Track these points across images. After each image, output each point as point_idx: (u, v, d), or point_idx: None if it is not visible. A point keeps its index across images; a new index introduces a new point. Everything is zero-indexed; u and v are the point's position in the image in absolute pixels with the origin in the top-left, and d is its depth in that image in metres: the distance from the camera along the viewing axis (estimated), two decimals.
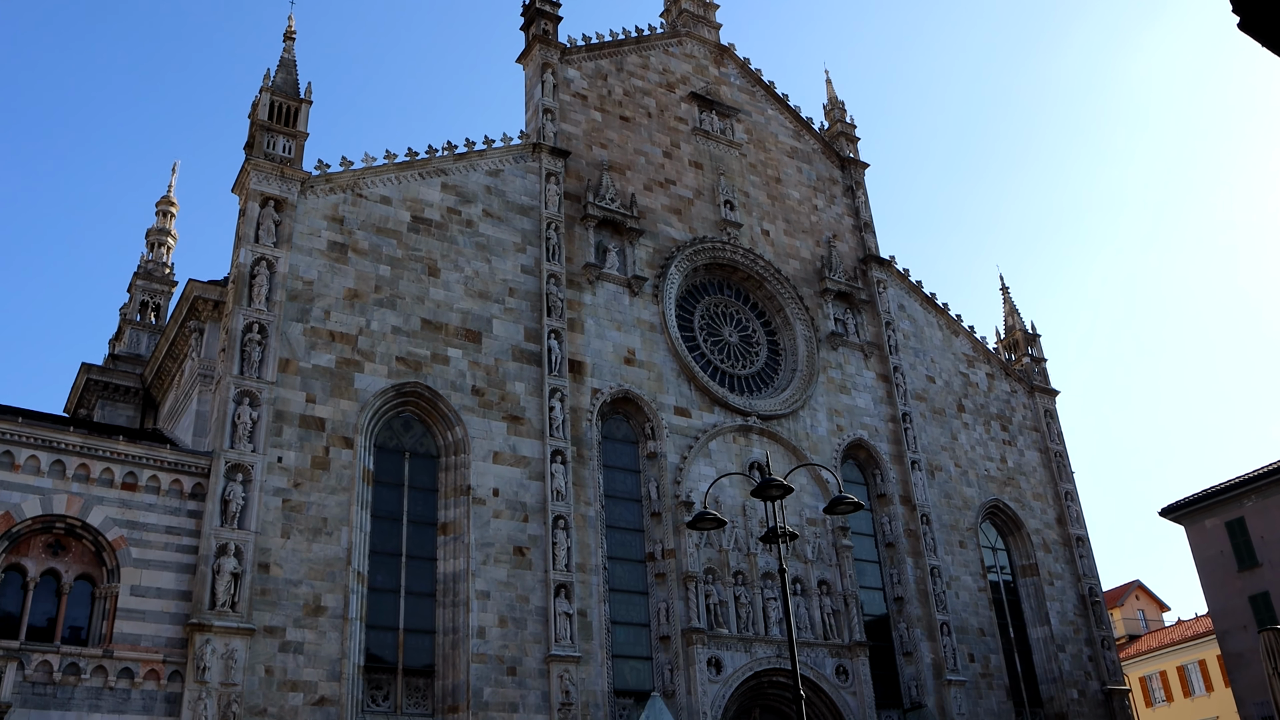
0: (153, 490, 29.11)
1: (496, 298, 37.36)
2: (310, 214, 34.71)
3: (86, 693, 26.28)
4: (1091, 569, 49.88)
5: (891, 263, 50.74)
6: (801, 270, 47.22)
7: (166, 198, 56.51)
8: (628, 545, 37.03)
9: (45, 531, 27.74)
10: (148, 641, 27.44)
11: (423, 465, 34.28)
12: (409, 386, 34.21)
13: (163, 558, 28.49)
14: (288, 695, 28.44)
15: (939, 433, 47.97)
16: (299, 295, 33.37)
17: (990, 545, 48.10)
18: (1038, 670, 46.42)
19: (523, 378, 36.48)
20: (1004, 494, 48.87)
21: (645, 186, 43.97)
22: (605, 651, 34.12)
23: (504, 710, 31.39)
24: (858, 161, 53.01)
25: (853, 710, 37.83)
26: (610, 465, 37.95)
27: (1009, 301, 56.47)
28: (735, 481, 38.95)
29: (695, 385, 40.64)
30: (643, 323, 40.60)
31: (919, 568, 43.32)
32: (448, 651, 31.85)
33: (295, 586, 29.66)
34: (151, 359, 41.02)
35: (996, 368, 52.93)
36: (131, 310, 51.07)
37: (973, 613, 44.41)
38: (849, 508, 21.30)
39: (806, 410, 43.44)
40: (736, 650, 36.33)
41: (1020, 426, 51.90)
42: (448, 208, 37.85)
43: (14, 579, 27.19)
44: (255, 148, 34.45)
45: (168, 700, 27.09)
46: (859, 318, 47.89)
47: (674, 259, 42.76)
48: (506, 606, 32.74)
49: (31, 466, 27.77)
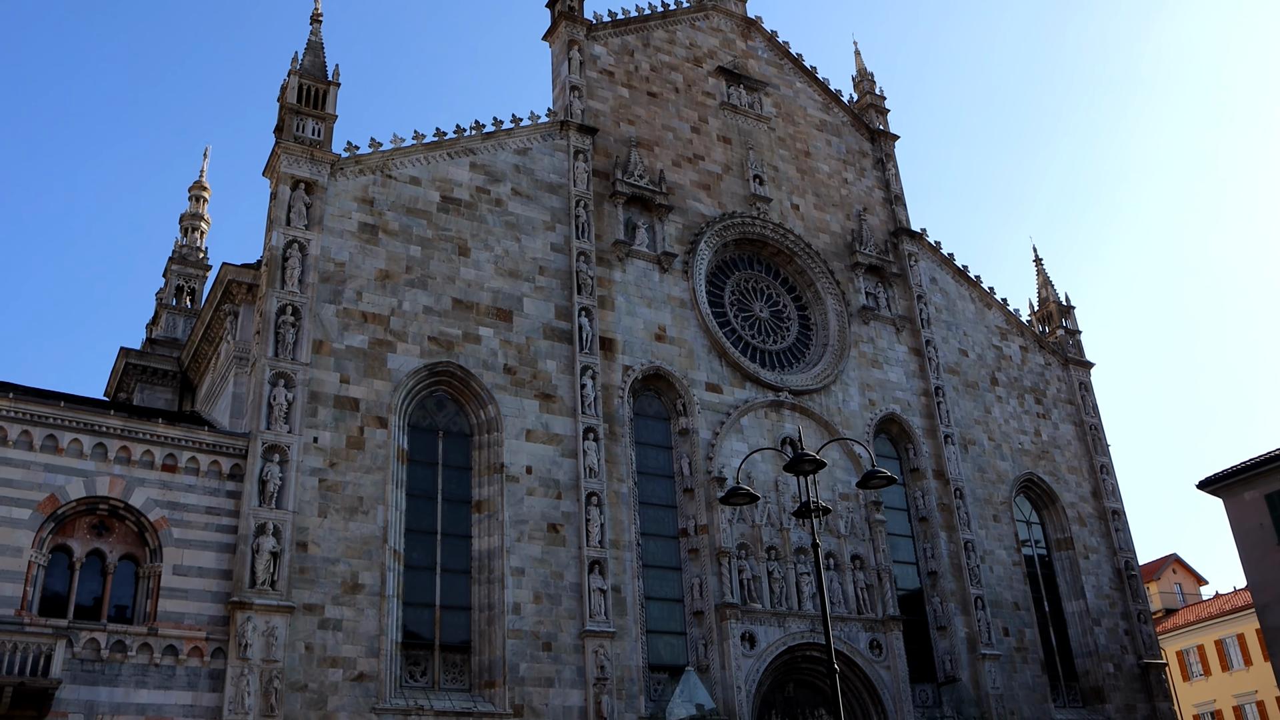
0: (192, 471, 29.57)
1: (527, 276, 37.50)
2: (340, 196, 34.94)
3: (133, 669, 26.83)
4: (1128, 542, 49.59)
5: (923, 235, 50.41)
6: (832, 244, 47.02)
7: (199, 183, 56.96)
8: (660, 521, 37.22)
9: (90, 513, 28.27)
10: (191, 619, 27.95)
11: (456, 444, 34.57)
12: (441, 366, 34.47)
13: (203, 537, 28.96)
14: (328, 671, 28.89)
15: (972, 406, 47.75)
16: (331, 277, 33.64)
17: (1024, 519, 47.90)
18: (1073, 644, 46.28)
19: (554, 356, 36.64)
20: (1038, 468, 48.62)
21: (674, 162, 43.89)
22: (639, 627, 34.36)
23: (540, 685, 31.73)
24: (887, 133, 52.61)
25: (887, 684, 37.92)
26: (642, 442, 38.10)
27: (1042, 273, 55.98)
28: (767, 457, 39.00)
29: (726, 361, 40.65)
30: (673, 299, 40.62)
31: (953, 542, 43.24)
32: (484, 628, 32.19)
33: (333, 565, 30.07)
34: (188, 342, 41.53)
35: (1030, 340, 52.54)
36: (167, 295, 51.61)
37: (1007, 587, 44.30)
38: (882, 482, 21.32)
39: (838, 385, 43.36)
40: (770, 625, 36.48)
41: (1055, 399, 51.55)
42: (476, 187, 37.97)
43: (61, 559, 27.75)
44: (285, 131, 34.68)
45: (211, 677, 27.61)
46: (890, 291, 47.66)
47: (704, 235, 42.71)
48: (541, 583, 33.03)
49: (74, 450, 28.27)
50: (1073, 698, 44.99)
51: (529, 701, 31.37)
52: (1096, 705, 44.83)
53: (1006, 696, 41.18)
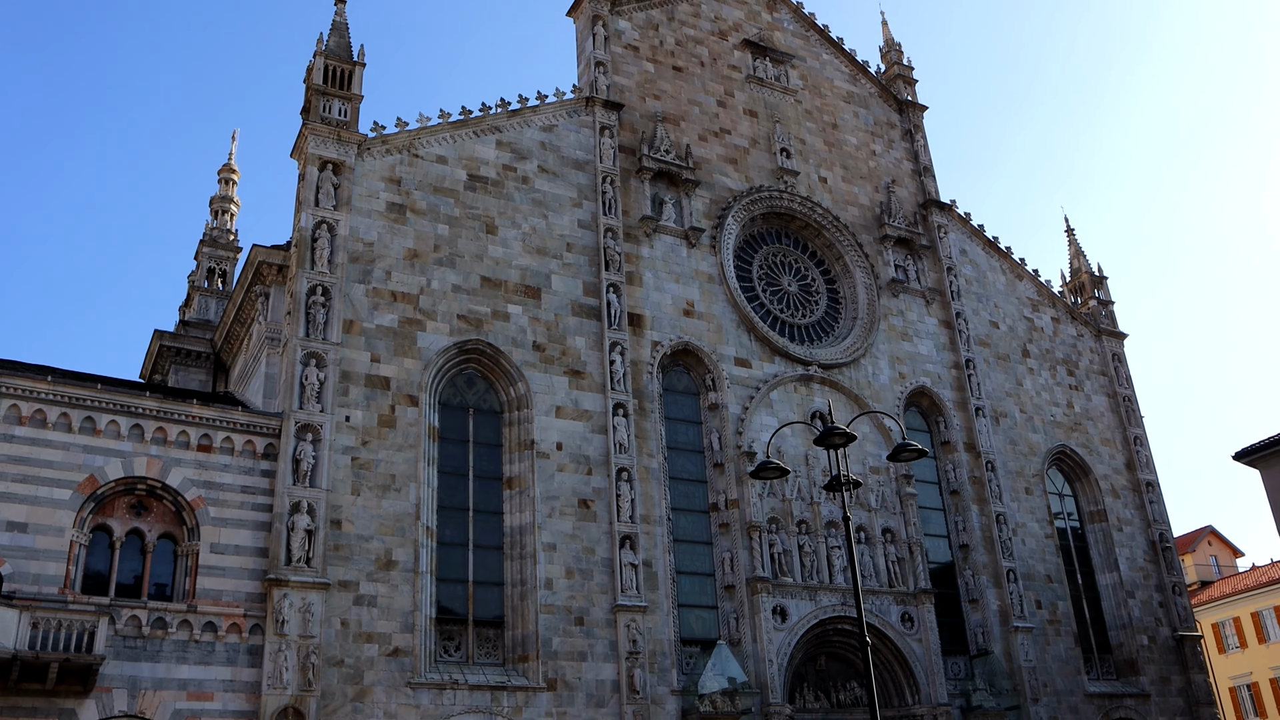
0: (227, 451, 29.95)
1: (554, 253, 37.56)
2: (368, 176, 35.09)
3: (174, 646, 27.31)
4: (1162, 514, 49.23)
5: (952, 207, 50.01)
6: (860, 217, 46.73)
7: (228, 165, 57.40)
8: (691, 496, 37.33)
9: (128, 493, 28.71)
10: (229, 596, 28.39)
11: (487, 421, 34.78)
12: (471, 344, 34.64)
13: (239, 516, 29.36)
14: (363, 646, 29.26)
15: (1003, 379, 47.46)
16: (360, 257, 33.84)
17: (1057, 491, 47.65)
18: (1106, 617, 46.08)
19: (583, 332, 36.72)
20: (1071, 440, 48.30)
21: (700, 137, 43.71)
22: (671, 601, 34.54)
23: (573, 659, 32.00)
24: (916, 104, 52.12)
25: (918, 657, 37.95)
26: (672, 417, 38.18)
27: (1074, 243, 55.42)
28: (797, 431, 38.99)
29: (755, 335, 40.60)
30: (701, 274, 40.57)
31: (984, 515, 43.10)
32: (516, 603, 32.47)
33: (367, 542, 30.40)
34: (220, 324, 41.96)
35: (1062, 311, 52.09)
36: (199, 277, 52.14)
37: (1039, 559, 44.14)
38: (913, 455, 21.27)
39: (868, 358, 43.21)
40: (801, 598, 36.57)
41: (1087, 371, 51.13)
42: (503, 165, 38.02)
43: (101, 539, 28.23)
44: (312, 112, 34.82)
45: (250, 652, 28.05)
46: (920, 264, 47.35)
47: (731, 209, 42.57)
48: (573, 558, 33.25)
49: (112, 431, 28.69)
50: (1106, 670, 44.84)
51: (562, 675, 31.65)
52: (1131, 678, 44.66)
53: (1039, 669, 41.12)
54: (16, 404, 27.73)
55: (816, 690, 37.02)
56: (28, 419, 27.76)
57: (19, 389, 27.81)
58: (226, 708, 27.36)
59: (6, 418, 27.56)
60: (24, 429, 27.68)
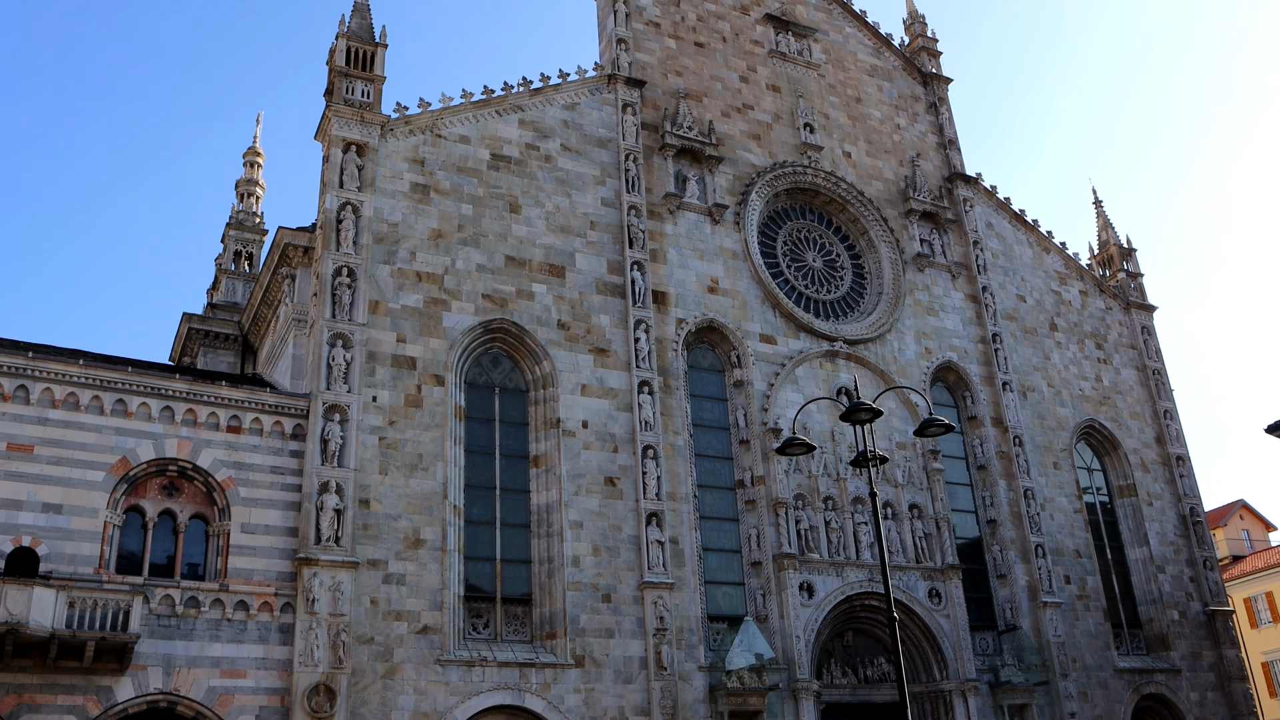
0: (256, 432, 30.23)
1: (578, 231, 37.55)
2: (391, 157, 35.17)
3: (206, 624, 27.69)
4: (1193, 488, 48.85)
5: (978, 180, 49.57)
6: (885, 191, 46.43)
7: (253, 149, 57.69)
8: (717, 473, 37.37)
9: (160, 474, 29.05)
10: (260, 576, 28.72)
11: (512, 400, 34.92)
12: (496, 323, 34.74)
13: (269, 496, 29.66)
14: (393, 624, 29.55)
15: (1031, 353, 47.14)
16: (385, 237, 33.96)
17: (1085, 466, 47.36)
18: (1136, 592, 45.84)
19: (607, 310, 36.75)
20: (1099, 414, 47.96)
21: (723, 113, 43.50)
22: (698, 578, 34.65)
23: (600, 636, 32.19)
24: (940, 77, 51.63)
25: (946, 632, 37.93)
26: (697, 394, 38.18)
27: (1102, 215, 54.88)
28: (823, 407, 38.91)
29: (780, 312, 40.49)
30: (725, 251, 40.46)
31: (1012, 490, 42.92)
32: (544, 580, 32.67)
33: (395, 521, 30.64)
34: (247, 306, 42.26)
35: (1090, 284, 51.63)
36: (226, 260, 52.53)
37: (1068, 534, 43.93)
38: (939, 430, 21.18)
39: (894, 333, 43.02)
40: (828, 575, 36.59)
41: (1116, 344, 50.71)
42: (526, 144, 38.00)
43: (134, 520, 28.60)
44: (335, 94, 34.90)
45: (281, 630, 28.39)
46: (945, 238, 47.02)
47: (754, 185, 42.39)
48: (599, 535, 33.40)
49: (143, 413, 29.02)
50: (1136, 646, 44.65)
51: (590, 652, 31.85)
52: (1161, 653, 44.45)
53: (1068, 644, 41.00)
54: (50, 388, 28.09)
55: (844, 666, 37.09)
56: (61, 402, 28.13)
57: (52, 373, 28.16)
58: (259, 685, 27.73)
59: (40, 401, 27.93)
60: (57, 412, 28.05)
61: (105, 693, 26.07)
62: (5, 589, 24.50)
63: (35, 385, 27.96)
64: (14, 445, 27.30)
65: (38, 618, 24.72)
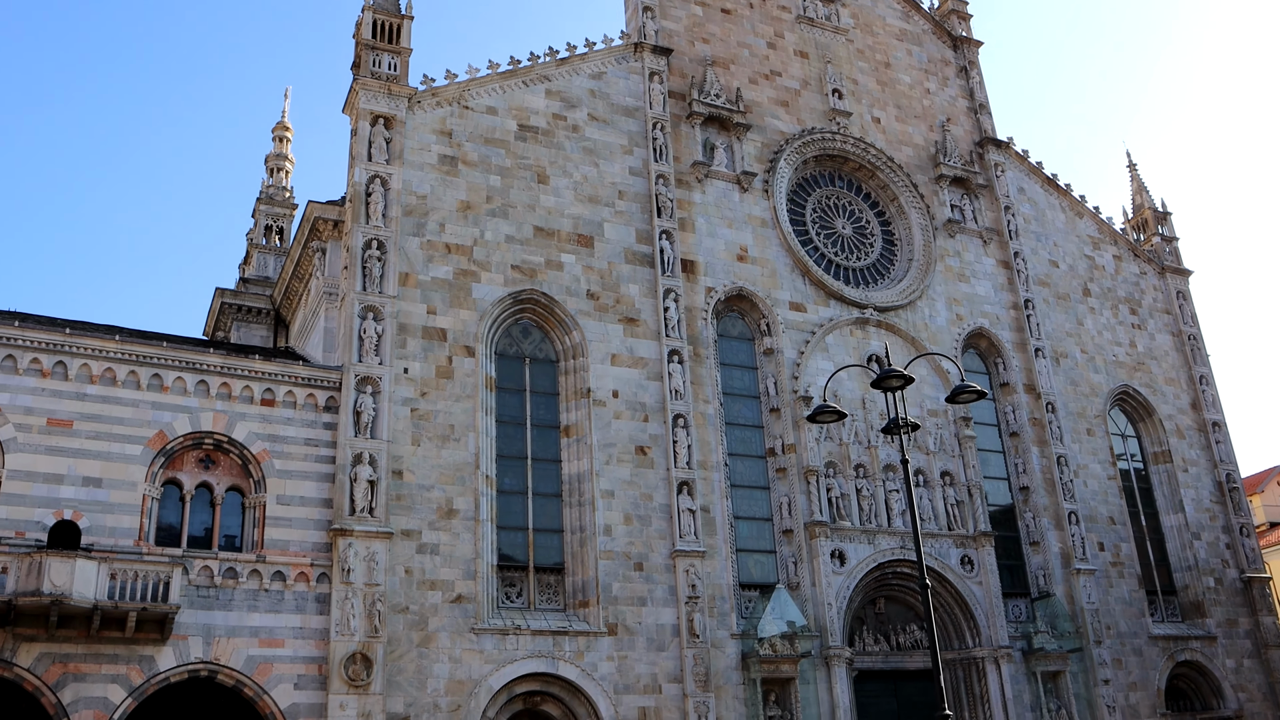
0: (290, 405, 30.52)
1: (606, 201, 37.49)
2: (419, 129, 35.19)
3: (245, 595, 28.10)
4: (1229, 454, 48.39)
5: (1009, 144, 48.98)
6: (915, 157, 45.99)
7: (281, 123, 57.86)
8: (747, 441, 37.38)
9: (196, 447, 29.41)
10: (296, 546, 29.08)
11: (543, 370, 35.04)
12: (525, 294, 34.82)
13: (304, 468, 29.98)
14: (427, 594, 29.87)
15: (1064, 318, 46.72)
16: (414, 210, 34.05)
17: (1120, 432, 46.99)
18: (1171, 559, 45.56)
19: (636, 280, 36.73)
20: (1134, 379, 47.52)
21: (750, 80, 43.17)
22: (729, 546, 34.75)
23: (632, 604, 32.39)
24: (970, 40, 50.94)
25: (979, 599, 37.88)
26: (727, 363, 38.16)
27: (1137, 179, 54.14)
28: (854, 374, 38.79)
29: (810, 279, 40.31)
30: (754, 219, 40.28)
31: (1045, 456, 42.67)
32: (576, 549, 32.88)
33: (428, 491, 30.90)
34: (279, 280, 42.54)
35: (1124, 249, 51.02)
36: (257, 234, 52.86)
37: (1102, 501, 43.67)
38: (971, 396, 21.06)
39: (924, 300, 42.75)
40: (859, 542, 36.60)
41: (1150, 309, 50.16)
42: (553, 114, 37.90)
43: (172, 493, 29.00)
44: (362, 67, 34.91)
45: (318, 600, 28.77)
46: (977, 203, 46.56)
47: (783, 152, 42.11)
48: (631, 504, 33.54)
49: (179, 387, 29.36)
50: (1171, 612, 44.41)
51: (622, 620, 32.07)
52: (1196, 620, 44.22)
53: (1102, 611, 40.86)
54: (87, 363, 28.47)
55: (876, 633, 37.15)
56: (98, 378, 28.50)
57: (89, 349, 28.53)
58: (297, 654, 28.14)
59: (78, 377, 28.31)
60: (95, 387, 28.43)
61: (148, 662, 26.55)
62: (49, 561, 24.96)
63: (73, 361, 28.34)
64: (54, 420, 27.72)
65: (81, 589, 25.17)
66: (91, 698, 25.74)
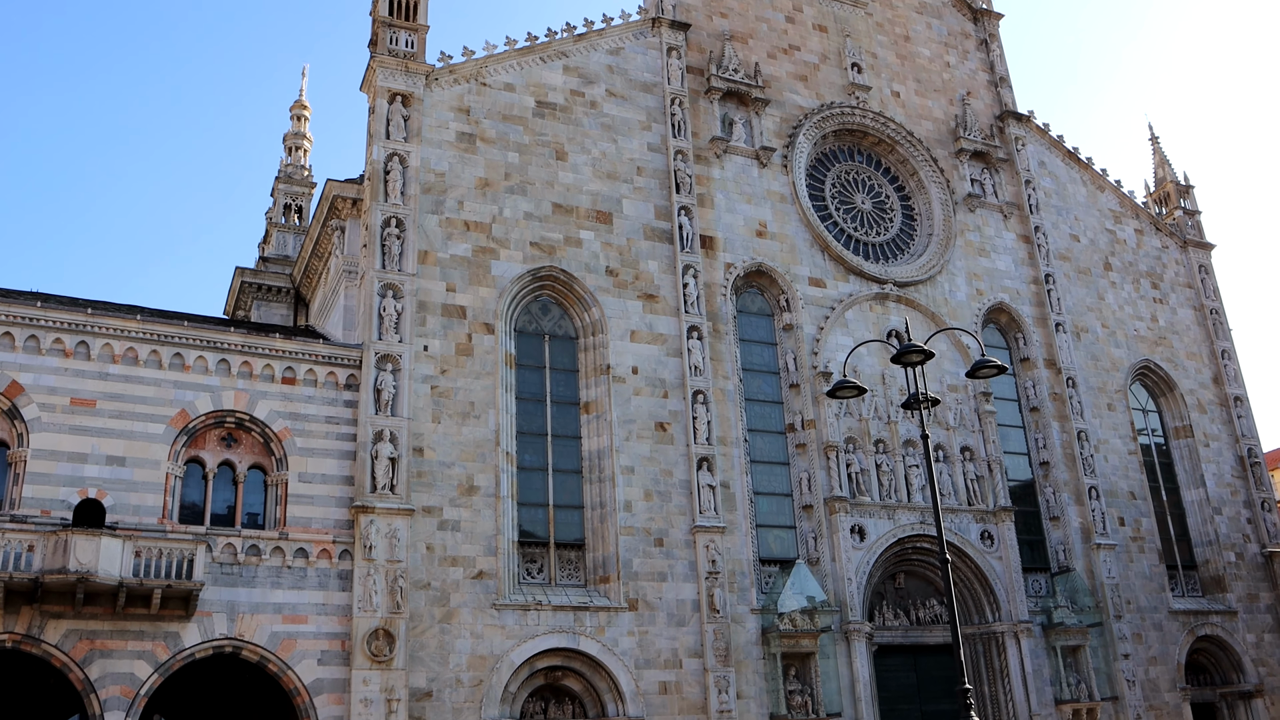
0: (310, 383, 30.64)
1: (625, 177, 37.37)
2: (437, 106, 35.11)
3: (268, 572, 28.32)
4: (1251, 429, 48.11)
5: (1030, 118, 48.54)
6: (935, 131, 45.64)
7: (299, 102, 57.86)
8: (767, 417, 37.36)
9: (218, 426, 29.59)
10: (318, 524, 29.26)
11: (562, 347, 35.06)
12: (544, 271, 34.80)
13: (325, 446, 30.12)
14: (449, 570, 30.03)
15: (1084, 293, 46.42)
16: (432, 187, 34.02)
17: (1140, 407, 46.75)
18: (1192, 534, 45.41)
19: (655, 256, 36.65)
20: (1155, 354, 47.23)
21: (769, 54, 42.86)
22: (749, 521, 34.80)
23: (653, 579, 32.50)
24: (991, 12, 50.41)
25: (998, 574, 37.87)
26: (746, 339, 38.09)
27: (1159, 152, 53.59)
28: (873, 350, 38.67)
29: (829, 255, 40.15)
30: (773, 194, 40.10)
31: (1065, 431, 42.50)
32: (596, 525, 32.99)
33: (449, 468, 31.02)
34: (298, 259, 42.64)
35: (1146, 223, 50.59)
36: (276, 213, 52.98)
37: (1122, 476, 43.51)
38: (992, 371, 20.98)
39: (944, 275, 42.53)
40: (879, 517, 36.60)
41: (1172, 283, 49.77)
42: (571, 90, 37.74)
43: (195, 471, 29.22)
44: (379, 45, 34.82)
45: (340, 577, 28.97)
46: (997, 177, 46.22)
47: (802, 127, 41.85)
48: (651, 480, 33.60)
49: (200, 366, 29.50)
50: (1192, 587, 44.30)
51: (643, 595, 32.20)
52: (1217, 594, 44.09)
53: (1122, 586, 40.78)
54: (109, 343, 28.62)
55: (895, 608, 37.20)
56: (120, 357, 28.65)
57: (111, 329, 28.68)
58: (320, 630, 28.37)
59: (101, 356, 28.48)
60: (117, 367, 28.58)
61: (173, 638, 26.82)
62: (74, 539, 25.19)
63: (95, 341, 28.50)
64: (77, 400, 27.91)
65: (106, 567, 25.41)
66: (118, 673, 26.04)
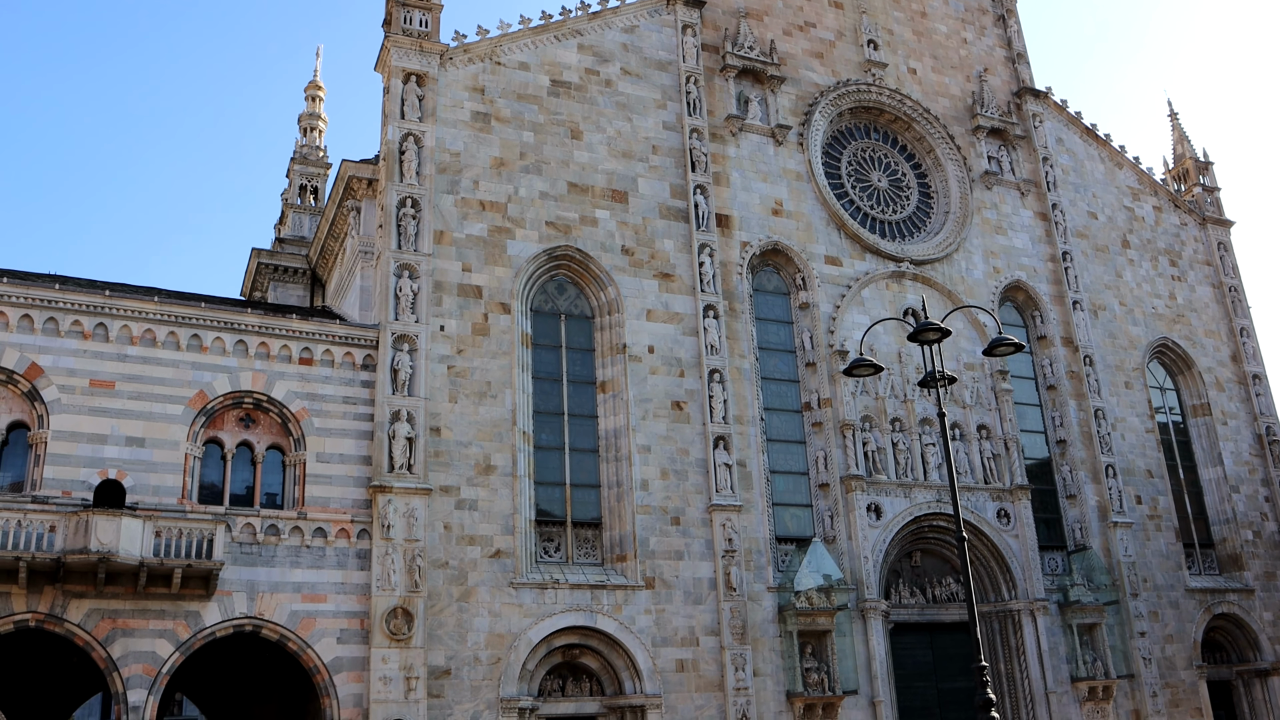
0: (328, 364, 30.73)
1: (640, 156, 37.25)
2: (452, 86, 35.02)
3: (287, 551, 28.50)
4: (1269, 407, 47.83)
5: (1048, 94, 48.14)
6: (952, 108, 45.32)
7: (314, 83, 57.83)
8: (783, 396, 37.33)
9: (236, 406, 29.72)
10: (336, 503, 29.42)
11: (578, 326, 35.06)
12: (560, 250, 34.76)
13: (342, 426, 30.24)
14: (466, 549, 30.18)
15: (1102, 271, 46.13)
16: (447, 167, 33.98)
17: (1158, 385, 46.52)
18: (1209, 512, 45.26)
19: (671, 235, 36.56)
20: (1173, 332, 46.96)
21: (784, 31, 42.57)
22: (765, 500, 34.83)
23: (670, 558, 32.60)
24: None
25: (1015, 552, 37.84)
26: (763, 317, 38.03)
27: (1178, 128, 53.13)
28: (890, 328, 38.56)
29: (845, 233, 39.98)
30: (789, 172, 39.92)
31: (1082, 410, 42.34)
32: (613, 504, 33.07)
33: (466, 448, 31.11)
34: (314, 240, 42.71)
35: (1164, 200, 50.19)
36: (291, 195, 53.03)
37: (1139, 454, 43.36)
38: (1009, 349, 20.88)
39: (961, 253, 42.32)
40: (895, 496, 36.58)
41: (1191, 261, 49.41)
42: (585, 69, 37.59)
43: (214, 451, 29.37)
44: (393, 24, 34.72)
45: (359, 556, 29.14)
46: (1014, 154, 45.90)
47: (818, 105, 41.61)
48: (667, 459, 33.64)
49: (218, 347, 29.61)
50: (1209, 566, 44.19)
51: (660, 574, 32.30)
52: (1234, 573, 43.97)
53: (1139, 564, 40.71)
54: (128, 325, 28.74)
55: (912, 586, 37.23)
56: (139, 339, 28.78)
57: (129, 310, 28.79)
58: (339, 609, 28.56)
59: (119, 338, 28.61)
60: (136, 348, 28.71)
61: (193, 618, 27.04)
62: (95, 520, 25.38)
63: (113, 323, 28.62)
64: (96, 381, 28.06)
65: (127, 547, 25.60)
66: (140, 652, 26.28)
